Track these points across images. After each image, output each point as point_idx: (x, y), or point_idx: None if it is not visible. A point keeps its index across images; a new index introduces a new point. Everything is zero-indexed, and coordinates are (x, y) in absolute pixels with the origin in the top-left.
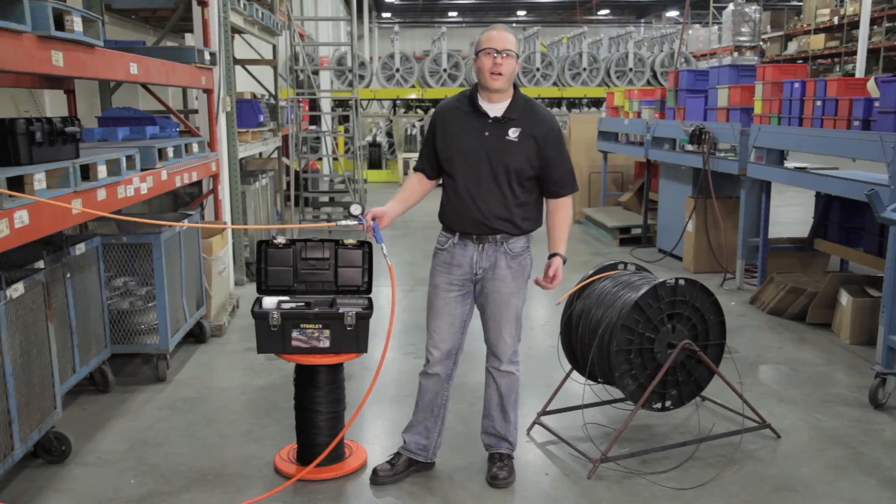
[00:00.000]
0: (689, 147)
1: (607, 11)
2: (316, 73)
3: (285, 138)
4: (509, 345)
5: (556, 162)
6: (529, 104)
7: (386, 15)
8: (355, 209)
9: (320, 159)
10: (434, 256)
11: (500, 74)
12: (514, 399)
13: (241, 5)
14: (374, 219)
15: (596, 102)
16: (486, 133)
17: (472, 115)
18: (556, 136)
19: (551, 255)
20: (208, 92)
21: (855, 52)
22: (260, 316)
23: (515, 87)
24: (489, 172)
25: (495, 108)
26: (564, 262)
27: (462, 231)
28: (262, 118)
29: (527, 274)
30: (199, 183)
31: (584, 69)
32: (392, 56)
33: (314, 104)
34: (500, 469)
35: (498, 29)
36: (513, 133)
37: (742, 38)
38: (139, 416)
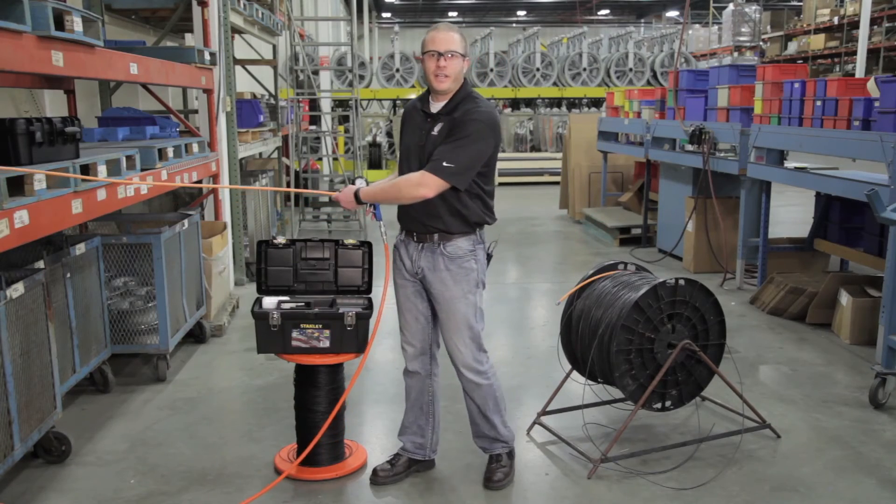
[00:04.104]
0: (689, 147)
1: (607, 11)
2: (316, 73)
3: (285, 138)
4: (464, 353)
5: (446, 144)
6: (466, 99)
7: (386, 15)
8: (360, 182)
9: (320, 159)
10: None
11: (445, 76)
12: (492, 405)
13: (241, 5)
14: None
15: (596, 102)
16: (422, 131)
17: (420, 113)
18: (466, 125)
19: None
20: (208, 92)
21: (855, 52)
22: (260, 316)
23: (467, 83)
24: (419, 169)
25: (437, 105)
26: (357, 198)
27: (406, 229)
28: (262, 118)
29: (473, 280)
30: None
31: (584, 69)
32: (392, 56)
33: (314, 104)
34: (494, 471)
35: (441, 29)
36: (437, 129)
37: (742, 38)
38: (139, 416)
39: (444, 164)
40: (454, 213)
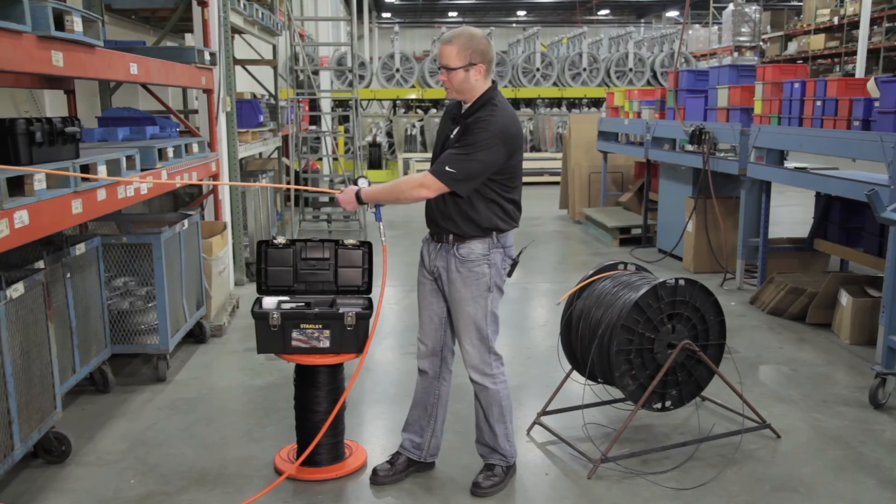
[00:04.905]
0: (689, 147)
1: (607, 11)
2: (316, 73)
3: (285, 138)
4: (472, 354)
5: (454, 149)
6: (485, 105)
7: (386, 15)
8: (363, 182)
9: (320, 159)
10: None
11: (448, 89)
12: (497, 413)
13: (241, 5)
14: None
15: (596, 102)
16: (448, 130)
17: (452, 113)
18: (474, 133)
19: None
20: (208, 92)
21: (855, 52)
22: (260, 316)
23: (492, 88)
24: None
25: (464, 107)
26: (359, 199)
27: (428, 228)
28: (262, 118)
29: (484, 284)
30: None
31: (584, 69)
32: (392, 56)
33: (314, 104)
34: (484, 479)
35: (442, 41)
36: (455, 132)
37: (742, 38)
38: (139, 416)
39: (447, 168)
40: (465, 218)
